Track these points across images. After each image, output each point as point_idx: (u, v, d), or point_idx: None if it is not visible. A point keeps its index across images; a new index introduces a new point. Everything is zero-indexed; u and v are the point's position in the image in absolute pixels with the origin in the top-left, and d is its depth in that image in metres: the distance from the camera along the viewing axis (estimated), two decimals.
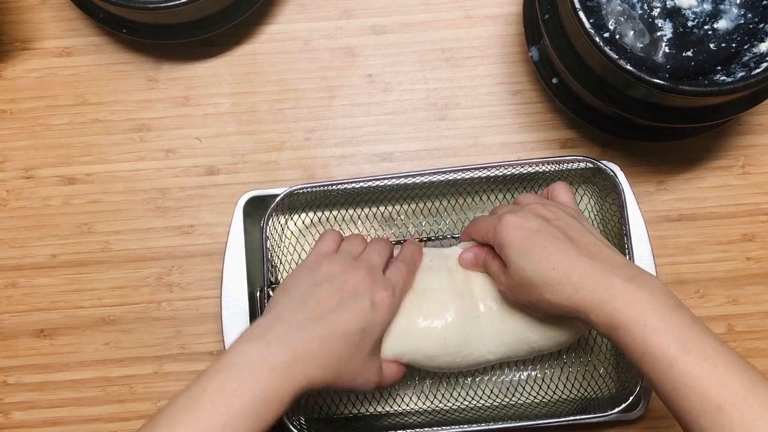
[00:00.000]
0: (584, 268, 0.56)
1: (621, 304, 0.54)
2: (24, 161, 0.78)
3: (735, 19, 0.65)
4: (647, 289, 0.54)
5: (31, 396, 0.76)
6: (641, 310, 0.53)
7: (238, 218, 0.71)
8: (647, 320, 0.53)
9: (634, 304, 0.54)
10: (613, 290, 0.54)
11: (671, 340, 0.52)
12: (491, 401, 0.72)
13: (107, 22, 0.75)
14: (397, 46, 0.79)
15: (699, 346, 0.52)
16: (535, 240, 0.58)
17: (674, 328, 0.53)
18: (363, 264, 0.63)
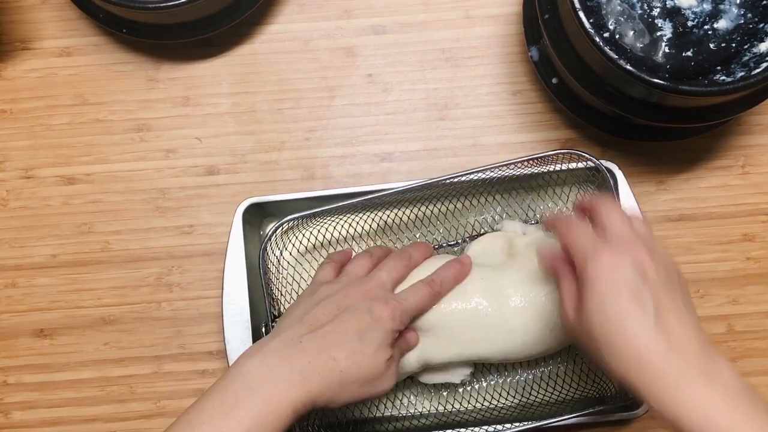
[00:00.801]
0: (657, 351, 0.50)
1: (691, 406, 0.49)
2: (24, 161, 0.78)
3: (735, 19, 0.65)
4: (721, 386, 0.50)
5: (31, 396, 0.76)
6: (711, 413, 0.49)
7: (237, 223, 0.71)
8: (719, 426, 0.48)
9: (704, 407, 0.49)
10: (683, 386, 0.49)
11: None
12: (493, 403, 0.72)
13: (107, 22, 0.75)
14: (397, 46, 0.79)
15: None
16: (620, 298, 0.51)
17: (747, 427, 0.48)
18: (365, 282, 0.62)
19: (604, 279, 0.52)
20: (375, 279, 0.62)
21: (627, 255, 0.52)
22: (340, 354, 0.57)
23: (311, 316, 0.59)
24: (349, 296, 0.60)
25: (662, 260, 0.54)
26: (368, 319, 0.59)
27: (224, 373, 0.57)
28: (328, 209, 0.70)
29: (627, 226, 0.55)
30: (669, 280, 0.53)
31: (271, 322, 0.68)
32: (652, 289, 0.52)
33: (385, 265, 0.64)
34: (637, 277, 0.52)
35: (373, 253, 0.66)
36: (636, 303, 0.51)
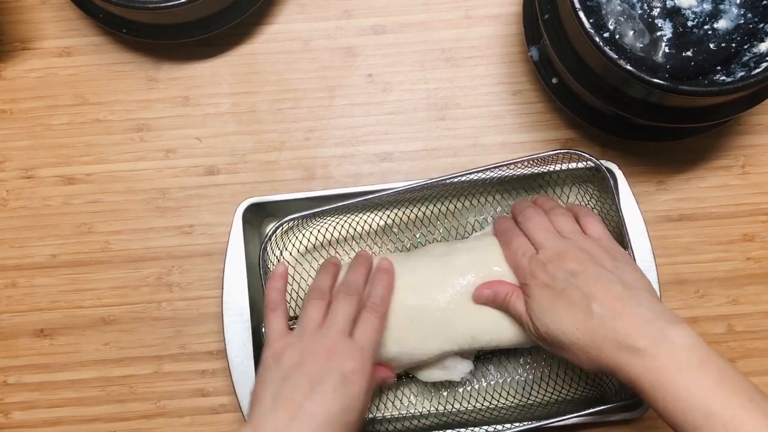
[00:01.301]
0: (606, 330, 0.56)
1: (641, 371, 0.54)
2: (24, 161, 0.78)
3: (735, 19, 0.65)
4: (669, 350, 0.54)
5: (31, 396, 0.76)
6: (661, 376, 0.53)
7: (237, 223, 0.71)
8: (667, 387, 0.53)
9: (654, 371, 0.54)
10: (634, 355, 0.55)
11: (692, 407, 0.52)
12: (493, 403, 0.72)
13: (107, 22, 0.75)
14: (397, 46, 0.79)
15: (723, 407, 0.51)
16: (559, 299, 0.59)
17: (697, 392, 0.52)
18: (325, 336, 0.61)
19: (542, 291, 0.60)
20: (333, 329, 0.61)
21: (557, 268, 0.60)
22: (332, 428, 0.57)
23: (286, 396, 0.58)
24: (315, 363, 0.59)
25: (591, 254, 0.61)
26: (343, 386, 0.59)
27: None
28: (328, 209, 0.70)
29: (552, 239, 0.63)
30: (600, 270, 0.60)
31: None
32: (585, 282, 0.59)
33: (339, 308, 0.62)
34: (568, 279, 0.59)
35: (323, 292, 0.64)
36: (576, 299, 0.58)
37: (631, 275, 0.60)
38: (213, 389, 0.76)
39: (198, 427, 0.76)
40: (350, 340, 0.61)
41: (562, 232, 0.64)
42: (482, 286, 0.65)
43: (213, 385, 0.76)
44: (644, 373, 0.54)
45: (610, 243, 0.64)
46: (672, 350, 0.54)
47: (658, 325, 0.56)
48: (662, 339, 0.55)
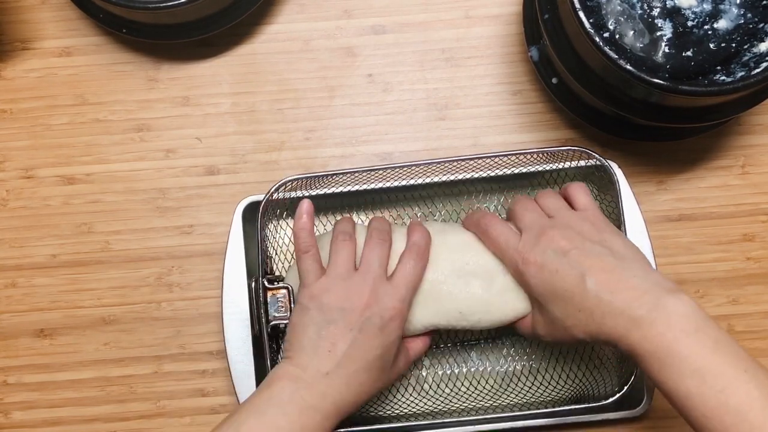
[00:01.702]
0: (604, 305, 0.57)
1: (638, 339, 0.55)
2: (24, 161, 0.78)
3: (735, 19, 0.65)
4: (665, 317, 0.54)
5: (31, 396, 0.76)
6: (657, 343, 0.54)
7: (237, 222, 0.71)
8: (662, 354, 0.54)
9: (651, 338, 0.54)
10: (631, 325, 0.55)
11: (686, 373, 0.53)
12: (493, 402, 0.72)
13: (107, 22, 0.75)
14: (397, 46, 0.79)
15: (717, 376, 0.52)
16: (556, 283, 0.59)
17: (691, 359, 0.53)
18: (363, 280, 0.62)
19: (537, 278, 0.60)
20: (370, 274, 0.62)
21: (546, 248, 0.60)
22: (368, 380, 0.61)
23: (328, 341, 0.61)
24: (356, 307, 0.61)
25: (578, 229, 0.61)
26: (380, 329, 0.61)
27: (255, 393, 0.61)
28: (332, 173, 0.70)
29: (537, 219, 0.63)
30: (590, 245, 0.60)
31: (262, 278, 0.67)
32: (577, 259, 0.59)
33: (373, 252, 0.63)
34: (560, 258, 0.59)
35: (348, 233, 0.65)
36: (571, 279, 0.58)
37: (621, 245, 0.61)
38: (213, 389, 0.76)
39: (198, 427, 0.76)
40: (388, 284, 0.63)
41: (547, 210, 0.64)
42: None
43: (213, 385, 0.76)
44: (641, 342, 0.54)
45: (595, 213, 0.64)
46: (668, 317, 0.54)
47: (655, 293, 0.56)
48: (659, 307, 0.55)
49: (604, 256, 0.59)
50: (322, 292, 0.62)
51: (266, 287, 0.67)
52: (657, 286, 0.57)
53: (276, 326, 0.67)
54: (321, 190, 0.72)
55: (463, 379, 0.73)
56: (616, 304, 0.56)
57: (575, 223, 0.62)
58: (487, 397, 0.72)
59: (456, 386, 0.73)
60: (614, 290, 0.57)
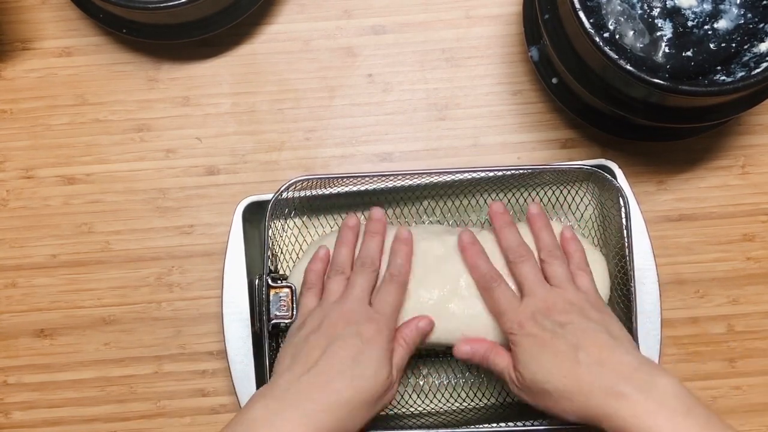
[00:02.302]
0: (593, 377, 0.57)
1: (629, 417, 0.55)
2: (24, 161, 0.78)
3: (735, 19, 0.65)
4: (657, 396, 0.55)
5: (31, 396, 0.77)
6: (649, 421, 0.54)
7: (237, 222, 0.71)
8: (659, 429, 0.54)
9: (642, 416, 0.54)
10: (621, 401, 0.55)
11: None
12: (493, 401, 0.72)
13: (107, 22, 0.75)
14: (397, 46, 0.79)
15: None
16: (547, 348, 0.59)
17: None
18: (343, 305, 0.63)
19: (529, 340, 0.60)
20: (351, 297, 0.64)
21: (544, 319, 0.61)
22: (341, 384, 0.59)
23: (303, 354, 0.61)
24: (333, 324, 0.62)
25: (578, 306, 0.62)
26: (358, 342, 0.61)
27: (230, 421, 0.59)
28: (342, 176, 0.70)
29: (540, 288, 0.63)
30: (587, 322, 0.61)
31: (266, 276, 0.68)
32: (572, 331, 0.59)
33: (357, 281, 0.65)
34: (555, 328, 0.60)
35: (342, 266, 0.67)
36: (563, 347, 0.59)
37: (617, 327, 0.62)
38: (213, 389, 0.76)
39: (198, 427, 0.76)
40: (368, 307, 0.64)
41: (551, 280, 0.64)
42: (463, 343, 0.65)
43: (213, 385, 0.76)
44: (631, 419, 0.54)
45: (596, 298, 0.64)
46: (660, 396, 0.55)
47: (645, 372, 0.57)
48: (650, 385, 0.55)
49: (600, 333, 0.60)
50: (308, 316, 0.64)
51: (269, 285, 0.67)
52: (647, 365, 0.57)
53: (277, 325, 0.67)
54: (324, 190, 0.72)
55: (460, 390, 0.73)
56: (606, 377, 0.57)
57: (577, 300, 0.63)
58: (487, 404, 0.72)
59: (453, 396, 0.72)
60: (604, 363, 0.57)
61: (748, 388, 0.76)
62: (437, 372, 0.73)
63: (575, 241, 0.67)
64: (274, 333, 0.68)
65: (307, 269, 0.68)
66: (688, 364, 0.76)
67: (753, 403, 0.76)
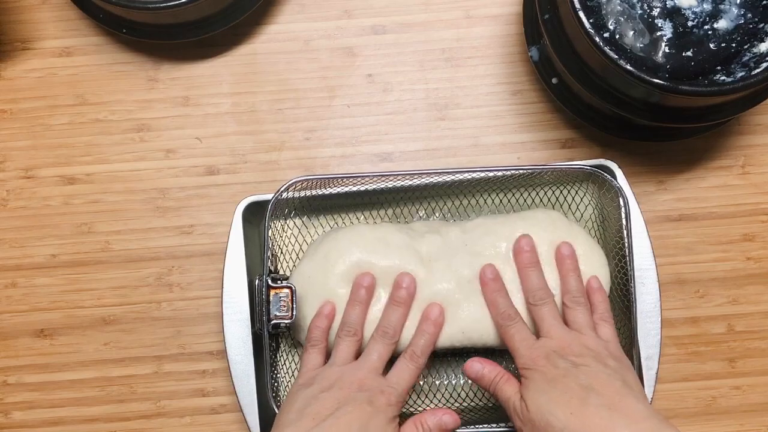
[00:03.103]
0: (601, 419, 0.56)
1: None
2: (24, 161, 0.78)
3: (735, 19, 0.65)
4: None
5: (31, 396, 0.77)
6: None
7: (237, 222, 0.71)
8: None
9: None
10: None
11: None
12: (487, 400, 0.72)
13: (107, 22, 0.75)
14: (397, 46, 0.79)
15: None
16: (557, 384, 0.59)
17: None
18: (358, 370, 0.63)
19: (541, 374, 0.60)
20: (367, 365, 0.64)
21: (559, 358, 0.60)
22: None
23: (313, 410, 0.60)
24: (345, 387, 0.61)
25: (596, 351, 0.61)
26: (369, 409, 0.60)
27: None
28: (345, 175, 0.70)
29: (560, 331, 0.63)
30: (602, 367, 0.60)
31: (266, 276, 0.68)
32: (585, 372, 0.59)
33: (374, 348, 0.65)
34: (569, 366, 0.60)
35: (354, 328, 0.66)
36: (574, 385, 0.58)
37: (632, 378, 0.61)
38: (213, 389, 0.76)
39: (198, 427, 0.76)
40: (383, 378, 0.63)
41: (571, 325, 0.64)
42: (474, 361, 0.65)
43: (213, 385, 0.76)
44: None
45: (616, 348, 0.64)
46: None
47: (654, 422, 0.56)
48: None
49: (614, 380, 0.59)
50: (317, 374, 0.63)
51: (270, 285, 0.67)
52: (657, 417, 0.57)
53: (277, 325, 0.67)
54: (324, 190, 0.72)
55: (460, 390, 0.73)
56: (614, 421, 0.56)
57: (595, 346, 0.62)
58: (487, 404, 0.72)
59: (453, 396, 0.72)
60: (615, 408, 0.57)
61: (748, 388, 0.76)
62: (437, 372, 0.73)
63: (602, 293, 0.67)
64: (274, 333, 0.68)
65: (312, 326, 0.67)
66: (688, 364, 0.76)
67: (753, 403, 0.76)
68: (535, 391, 0.60)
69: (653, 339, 0.70)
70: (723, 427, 0.76)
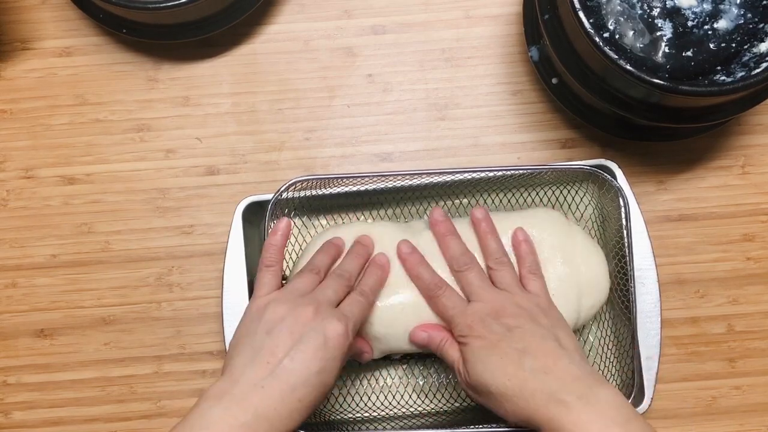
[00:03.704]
0: (537, 383, 0.57)
1: (568, 423, 0.55)
2: (24, 161, 0.78)
3: (735, 19, 0.65)
4: (597, 407, 0.56)
5: (31, 396, 0.77)
6: (588, 430, 0.55)
7: (237, 222, 0.71)
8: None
9: (581, 424, 0.55)
10: (561, 408, 0.56)
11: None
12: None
13: (107, 22, 0.75)
14: (397, 46, 0.79)
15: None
16: (494, 350, 0.60)
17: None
18: (311, 299, 0.61)
19: (477, 340, 0.61)
20: (322, 295, 0.62)
21: (492, 322, 0.61)
22: (305, 392, 0.57)
23: (267, 351, 0.58)
24: (298, 321, 0.59)
25: (528, 309, 0.62)
26: (323, 343, 0.58)
27: (185, 417, 0.56)
28: (345, 175, 0.70)
29: (488, 292, 0.63)
30: (536, 327, 0.61)
31: None
32: (520, 336, 0.60)
33: (330, 284, 0.63)
34: (503, 332, 0.60)
35: (317, 268, 0.65)
36: (510, 350, 0.59)
37: (566, 335, 0.62)
38: None
39: None
40: (336, 308, 0.62)
41: (498, 285, 0.65)
42: (418, 328, 0.65)
43: None
44: (570, 427, 0.55)
45: (547, 303, 0.64)
46: (600, 407, 0.55)
47: (588, 382, 0.57)
48: (591, 395, 0.56)
49: (547, 339, 0.60)
50: (269, 302, 0.61)
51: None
52: (590, 376, 0.58)
53: None
54: (324, 190, 0.72)
55: (460, 390, 0.73)
56: (549, 384, 0.57)
57: (527, 304, 0.63)
58: None
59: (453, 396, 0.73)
60: (548, 370, 0.58)
61: (748, 388, 0.76)
62: (437, 372, 0.73)
63: (527, 244, 0.67)
64: None
65: (267, 243, 0.66)
66: (688, 364, 0.76)
67: (753, 403, 0.76)
68: (473, 357, 0.60)
69: (653, 339, 0.70)
70: (723, 427, 0.76)
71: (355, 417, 0.72)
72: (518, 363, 0.59)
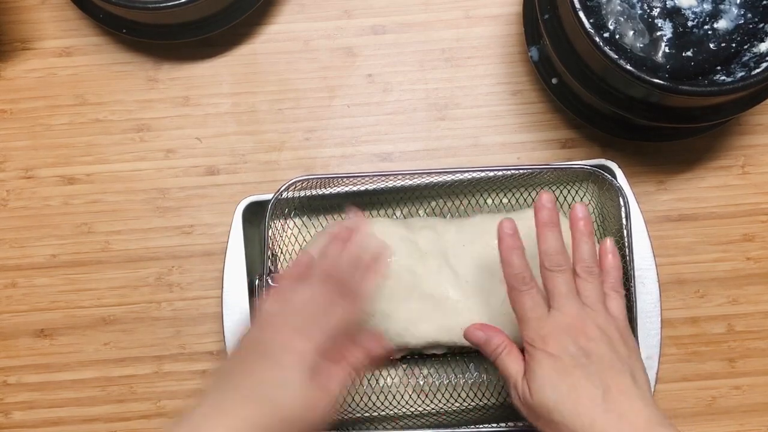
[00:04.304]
0: (609, 424, 0.55)
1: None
2: (24, 161, 0.78)
3: (735, 19, 0.65)
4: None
5: (31, 396, 0.76)
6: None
7: (237, 222, 0.71)
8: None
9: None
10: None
11: None
12: (492, 401, 0.72)
13: (107, 22, 0.75)
14: (397, 46, 0.79)
15: None
16: (567, 376, 0.56)
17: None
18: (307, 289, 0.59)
19: (551, 360, 0.57)
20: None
21: (569, 342, 0.57)
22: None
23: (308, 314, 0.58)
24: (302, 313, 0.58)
25: (608, 333, 0.58)
26: None
27: None
28: (346, 175, 0.70)
29: (572, 305, 0.58)
30: (614, 356, 0.57)
31: (266, 276, 0.68)
32: (597, 366, 0.56)
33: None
34: (580, 356, 0.56)
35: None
36: (584, 381, 0.56)
37: (639, 367, 0.59)
38: None
39: None
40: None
41: (582, 297, 0.59)
42: (476, 327, 0.62)
43: None
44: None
45: (625, 327, 0.61)
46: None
47: (659, 430, 0.55)
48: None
49: (625, 376, 0.57)
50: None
51: (270, 285, 0.67)
52: (662, 423, 0.55)
53: None
54: (324, 190, 0.72)
55: (460, 390, 0.73)
56: (621, 428, 0.55)
57: (607, 327, 0.58)
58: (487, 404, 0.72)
59: (453, 396, 0.72)
60: (623, 415, 0.55)
61: (748, 388, 0.76)
62: (437, 372, 0.73)
63: (615, 257, 0.62)
64: None
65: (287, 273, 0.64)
66: (688, 364, 0.76)
67: (753, 403, 0.76)
68: (541, 379, 0.57)
69: (653, 339, 0.70)
70: (723, 427, 0.76)
71: (355, 417, 0.72)
72: (591, 398, 0.55)
